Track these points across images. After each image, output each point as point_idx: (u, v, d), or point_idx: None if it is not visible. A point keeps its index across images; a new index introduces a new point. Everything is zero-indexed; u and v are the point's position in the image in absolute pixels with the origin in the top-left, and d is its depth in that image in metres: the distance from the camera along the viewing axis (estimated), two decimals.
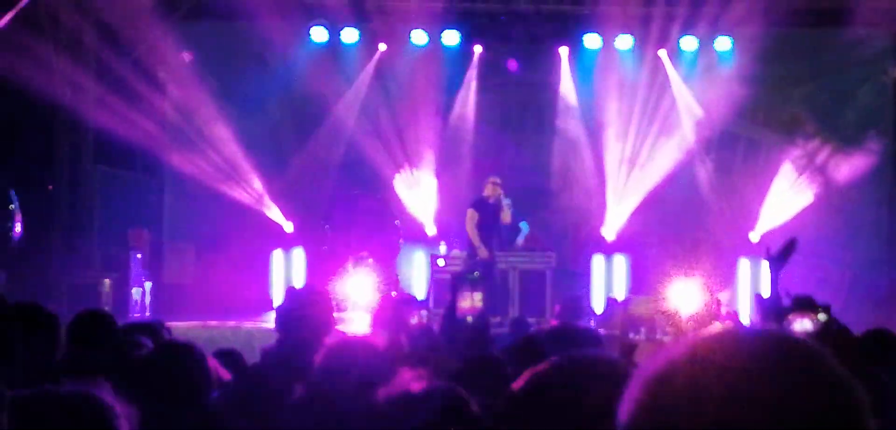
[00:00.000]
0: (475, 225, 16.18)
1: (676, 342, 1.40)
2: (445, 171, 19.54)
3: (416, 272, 17.84)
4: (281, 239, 18.69)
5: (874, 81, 19.54)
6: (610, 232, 19.26)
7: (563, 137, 19.89)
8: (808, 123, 19.54)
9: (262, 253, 18.17)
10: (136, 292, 17.02)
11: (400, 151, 19.41)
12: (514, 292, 16.64)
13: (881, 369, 4.89)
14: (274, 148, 19.71)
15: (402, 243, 17.48)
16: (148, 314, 16.28)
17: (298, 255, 17.87)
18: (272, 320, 6.15)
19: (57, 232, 17.97)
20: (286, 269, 17.70)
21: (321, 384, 4.50)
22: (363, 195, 18.35)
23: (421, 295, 17.19)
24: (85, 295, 15.59)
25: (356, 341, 5.99)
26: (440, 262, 17.18)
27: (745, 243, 18.91)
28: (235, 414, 4.80)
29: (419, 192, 19.25)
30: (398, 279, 16.60)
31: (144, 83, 18.27)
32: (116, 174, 19.30)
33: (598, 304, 17.51)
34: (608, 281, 17.85)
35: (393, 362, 3.53)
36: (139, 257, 17.48)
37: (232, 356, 6.28)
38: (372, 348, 5.40)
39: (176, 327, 9.84)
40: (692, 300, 5.86)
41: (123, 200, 19.13)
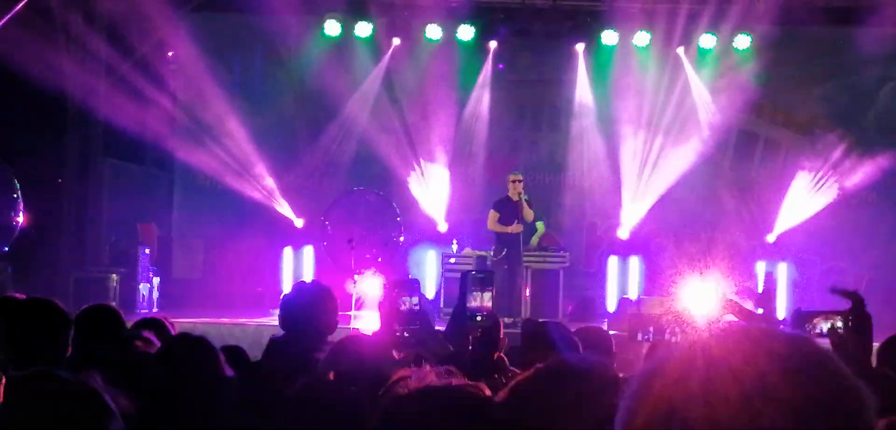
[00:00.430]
0: (496, 222, 15.99)
1: (687, 343, 1.39)
2: (458, 168, 19.37)
3: (427, 271, 17.61)
4: (291, 236, 18.50)
5: (894, 83, 19.32)
6: (625, 232, 19.04)
7: (578, 135, 19.69)
8: (826, 124, 19.32)
9: (272, 249, 17.99)
10: (143, 287, 16.88)
11: (413, 148, 19.22)
12: (526, 292, 16.40)
13: None
14: (285, 144, 19.57)
15: (403, 237, 17.27)
16: (155, 310, 16.09)
17: (308, 252, 17.66)
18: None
19: (65, 226, 17.86)
20: (296, 266, 17.50)
21: (325, 380, 4.35)
22: (364, 191, 18.17)
23: (431, 293, 17.01)
24: (92, 290, 15.43)
25: (363, 337, 5.81)
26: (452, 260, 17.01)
27: (762, 244, 18.68)
28: (238, 410, 4.64)
29: (432, 189, 19.04)
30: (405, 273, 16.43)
31: (155, 77, 18.16)
32: (126, 168, 19.19)
33: (611, 304, 17.27)
34: (622, 282, 17.61)
35: (385, 346, 3.37)
36: (147, 252, 17.34)
37: (235, 353, 6.10)
38: (379, 344, 5.24)
39: (183, 323, 9.71)
40: (706, 302, 5.71)
41: (133, 195, 19.02)
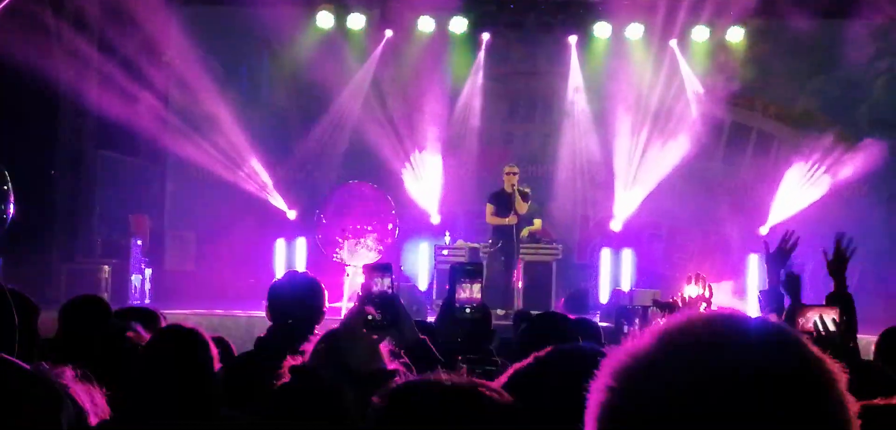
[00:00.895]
0: (491, 215, 15.94)
1: (651, 330, 1.39)
2: (451, 160, 19.36)
3: (420, 262, 17.60)
4: (284, 228, 18.47)
5: (886, 75, 19.34)
6: (617, 224, 19.03)
7: (571, 128, 19.68)
8: (819, 117, 19.33)
9: (264, 241, 17.95)
10: (135, 278, 16.84)
11: (405, 140, 19.20)
12: (519, 284, 16.38)
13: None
14: (278, 135, 19.56)
15: (397, 230, 17.27)
16: (147, 302, 16.07)
17: (301, 244, 17.64)
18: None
19: (57, 217, 17.82)
20: (289, 258, 17.47)
21: (313, 371, 4.32)
22: (358, 183, 18.19)
23: (424, 285, 17.01)
24: (84, 281, 15.44)
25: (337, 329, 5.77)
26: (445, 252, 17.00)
27: (754, 237, 18.69)
28: (222, 401, 4.63)
29: (424, 181, 19.03)
30: (399, 265, 16.44)
31: (148, 68, 18.11)
32: (118, 160, 19.13)
33: (604, 296, 17.27)
34: (615, 274, 17.61)
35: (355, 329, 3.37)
36: (139, 243, 17.30)
37: (220, 345, 6.08)
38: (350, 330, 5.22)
39: (175, 314, 9.68)
40: (692, 293, 5.77)
41: (125, 186, 18.98)
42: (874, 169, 18.56)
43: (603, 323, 11.59)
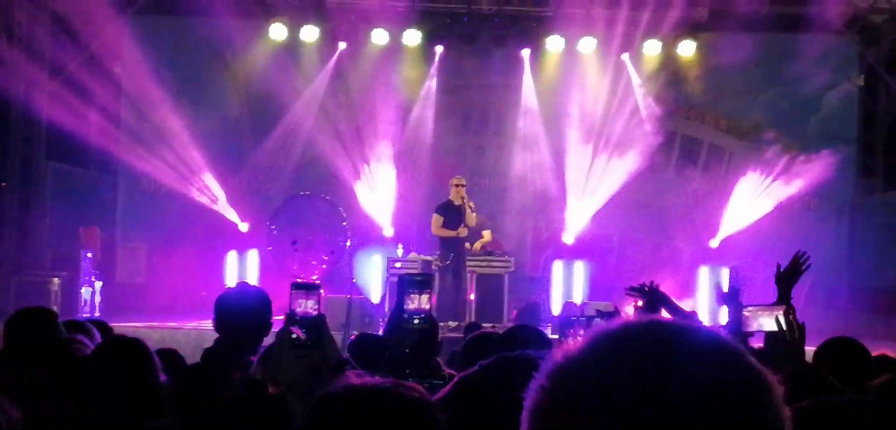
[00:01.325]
0: (441, 227, 15.86)
1: (586, 332, 1.39)
2: (404, 172, 19.35)
3: (373, 274, 17.55)
4: (236, 240, 18.37)
5: (837, 89, 19.54)
6: (570, 236, 19.09)
7: (524, 141, 19.74)
8: (770, 130, 19.50)
9: (216, 253, 17.83)
10: (86, 291, 16.70)
11: (358, 152, 19.18)
12: (471, 296, 16.37)
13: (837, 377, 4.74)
14: (231, 147, 19.48)
15: (349, 242, 17.23)
16: (97, 314, 15.92)
17: (253, 256, 17.56)
18: None
19: (7, 229, 17.66)
20: (240, 270, 17.37)
21: (260, 382, 4.33)
22: (310, 196, 18.12)
23: (376, 298, 16.96)
24: (33, 293, 15.30)
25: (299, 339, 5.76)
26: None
27: (705, 249, 18.81)
28: (171, 413, 4.62)
29: (377, 193, 19.00)
30: (351, 278, 16.38)
31: (99, 79, 18.00)
32: (69, 171, 18.99)
33: (556, 309, 17.29)
34: (567, 286, 17.63)
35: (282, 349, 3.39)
36: (90, 256, 17.14)
37: (170, 356, 6.03)
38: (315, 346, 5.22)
39: (125, 327, 9.61)
40: (638, 304, 5.84)
41: (76, 198, 18.81)
42: (824, 181, 18.75)
43: (553, 335, 11.62)
